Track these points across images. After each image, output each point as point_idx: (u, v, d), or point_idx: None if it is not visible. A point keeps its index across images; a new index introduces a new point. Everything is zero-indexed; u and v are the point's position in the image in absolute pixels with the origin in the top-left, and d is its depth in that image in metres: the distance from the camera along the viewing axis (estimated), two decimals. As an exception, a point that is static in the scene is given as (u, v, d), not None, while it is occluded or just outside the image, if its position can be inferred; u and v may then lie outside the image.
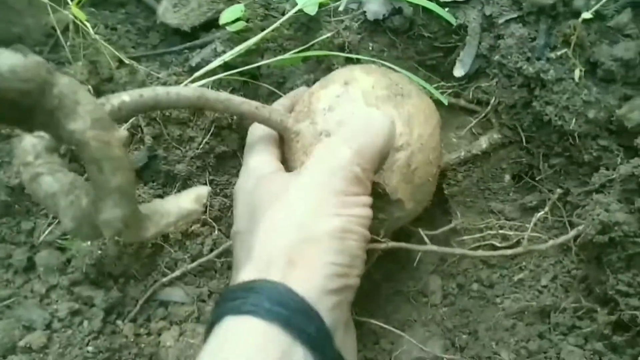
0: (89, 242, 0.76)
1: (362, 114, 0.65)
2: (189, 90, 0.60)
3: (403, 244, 0.73)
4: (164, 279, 0.84)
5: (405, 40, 0.88)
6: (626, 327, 0.72)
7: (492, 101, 0.84)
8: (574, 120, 0.75)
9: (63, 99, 0.39)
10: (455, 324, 0.85)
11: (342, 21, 0.86)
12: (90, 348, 0.74)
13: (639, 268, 0.71)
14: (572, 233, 0.73)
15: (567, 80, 0.75)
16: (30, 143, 0.48)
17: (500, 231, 0.84)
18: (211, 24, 0.90)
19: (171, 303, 0.85)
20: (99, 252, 0.77)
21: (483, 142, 0.85)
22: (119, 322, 0.80)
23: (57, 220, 0.80)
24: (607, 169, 0.76)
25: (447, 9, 0.83)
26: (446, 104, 0.82)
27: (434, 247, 0.75)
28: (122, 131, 0.45)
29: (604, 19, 0.77)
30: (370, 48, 0.88)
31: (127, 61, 0.83)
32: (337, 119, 0.67)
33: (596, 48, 0.75)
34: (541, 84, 0.77)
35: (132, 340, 0.80)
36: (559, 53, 0.74)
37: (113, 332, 0.79)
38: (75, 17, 0.81)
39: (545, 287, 0.83)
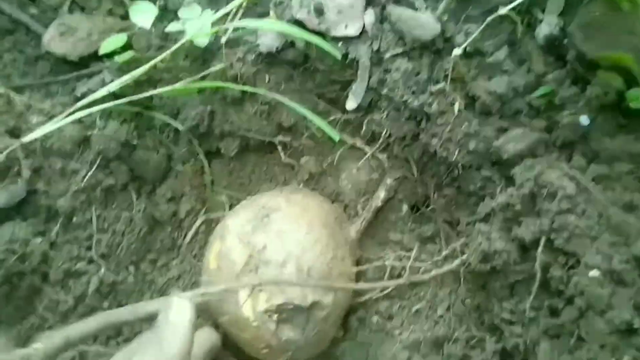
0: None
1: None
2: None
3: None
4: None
5: (302, 73, 0.89)
6: (511, 355, 0.73)
7: (383, 134, 0.85)
8: (457, 151, 0.77)
9: None
10: (355, 358, 0.84)
11: (236, 53, 0.85)
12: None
13: (521, 295, 0.72)
14: (456, 262, 0.75)
15: (449, 113, 0.77)
16: None
17: (399, 263, 0.85)
18: (100, 54, 0.87)
19: (49, 349, 0.78)
20: (-40, 296, 0.70)
21: (381, 193, 0.87)
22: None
23: None
24: (491, 198, 0.78)
25: (340, 43, 0.85)
26: (336, 139, 0.83)
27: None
28: None
29: (483, 55, 0.81)
30: (267, 80, 0.88)
31: (4, 92, 0.79)
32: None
33: (475, 83, 0.78)
34: (426, 116, 0.79)
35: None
36: (440, 87, 0.77)
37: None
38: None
39: (441, 317, 0.84)
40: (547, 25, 0.76)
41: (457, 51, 0.72)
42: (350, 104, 0.86)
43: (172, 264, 0.90)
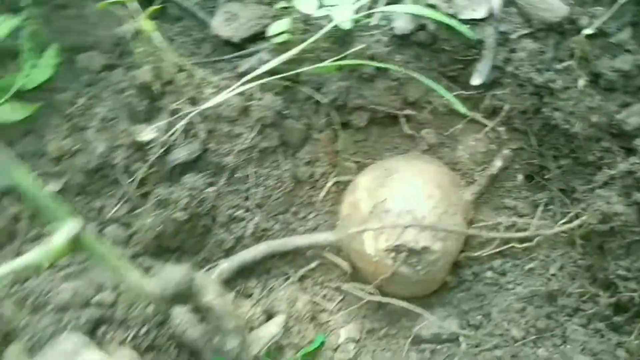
0: (151, 219, 0.88)
1: None
2: (262, 246, 0.95)
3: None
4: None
5: (429, 53, 1.00)
6: (625, 309, 0.81)
7: (505, 108, 0.94)
8: (578, 124, 0.85)
9: (198, 286, 0.73)
10: (470, 307, 0.94)
11: (373, 35, 0.97)
12: (149, 309, 0.85)
13: (637, 255, 0.80)
14: (577, 222, 0.83)
15: (573, 89, 0.85)
16: (180, 313, 0.80)
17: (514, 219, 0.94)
18: (257, 36, 1.02)
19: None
20: (159, 228, 0.89)
21: (498, 161, 0.95)
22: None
23: (122, 201, 0.93)
24: (609, 168, 0.85)
25: (467, 26, 0.95)
26: (464, 112, 0.92)
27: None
28: (229, 295, 0.82)
29: (607, 35, 0.87)
30: (398, 59, 0.99)
31: (185, 66, 0.96)
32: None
33: (599, 61, 0.85)
34: (549, 92, 0.87)
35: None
36: (565, 65, 0.84)
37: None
38: (143, 29, 0.94)
39: (553, 275, 0.92)
40: (674, 7, 0.81)
41: (587, 31, 0.80)
42: (476, 80, 0.95)
43: (309, 216, 1.05)
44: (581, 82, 0.84)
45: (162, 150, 0.94)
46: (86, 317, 0.78)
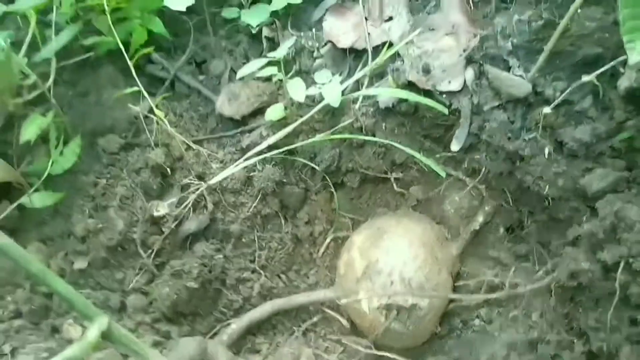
0: (167, 289, 0.99)
1: None
2: (267, 306, 1.06)
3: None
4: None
5: (412, 120, 1.10)
6: (597, 357, 0.89)
7: (483, 170, 1.03)
8: (547, 187, 0.94)
9: (211, 354, 0.89)
10: (460, 354, 1.03)
11: (359, 109, 1.08)
12: (169, 372, 0.95)
13: (605, 307, 0.87)
14: (547, 280, 0.91)
15: (540, 156, 0.94)
16: None
17: (496, 279, 1.03)
18: (257, 112, 1.13)
19: (228, 336, 1.06)
20: (175, 296, 0.99)
21: (480, 217, 1.05)
22: (188, 351, 1.01)
23: (142, 272, 1.04)
24: (578, 225, 0.94)
25: (444, 96, 1.04)
26: (444, 175, 1.02)
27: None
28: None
29: (571, 103, 0.96)
30: (384, 128, 1.09)
31: (193, 146, 1.08)
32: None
33: (563, 129, 0.93)
34: (520, 158, 0.96)
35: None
36: (531, 135, 0.94)
37: (185, 359, 1.01)
38: (156, 116, 1.06)
39: (535, 322, 1.00)
40: (627, 79, 0.90)
41: (546, 110, 0.89)
42: (455, 146, 1.05)
43: (310, 273, 1.15)
44: (547, 150, 0.93)
45: (175, 223, 1.05)
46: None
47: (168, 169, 1.06)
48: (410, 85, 1.03)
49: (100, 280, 1.02)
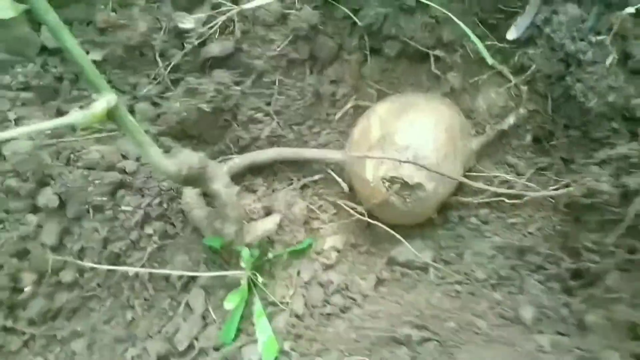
0: (178, 104, 0.96)
1: None
2: (273, 151, 1.04)
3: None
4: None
5: (474, -3, 0.99)
6: (581, 276, 0.89)
7: (532, 68, 0.95)
8: (595, 100, 0.87)
9: (210, 173, 0.83)
10: (447, 245, 1.04)
11: (422, -33, 0.97)
12: (165, 184, 0.96)
13: (607, 232, 0.86)
14: (562, 190, 0.88)
15: (600, 64, 0.86)
16: (190, 193, 0.94)
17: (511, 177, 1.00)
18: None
19: (227, 170, 1.06)
20: (184, 113, 0.97)
21: (511, 119, 0.99)
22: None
23: (156, 82, 1.00)
24: (611, 148, 0.89)
25: (518, -24, 0.93)
26: (490, 63, 0.94)
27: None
28: (236, 187, 0.89)
29: (653, 16, 0.86)
30: (441, -2, 0.99)
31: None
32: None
33: (635, 42, 0.84)
34: (577, 62, 0.88)
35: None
36: (600, 38, 0.85)
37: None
38: None
39: (530, 233, 1.00)
40: None
41: (629, 9, 0.79)
42: (511, 34, 0.96)
43: (323, 132, 1.12)
44: (610, 60, 0.85)
45: (199, 41, 0.99)
46: (109, 179, 0.89)
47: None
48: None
49: (113, 79, 0.99)
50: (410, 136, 0.95)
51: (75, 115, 0.61)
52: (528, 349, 0.80)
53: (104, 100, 0.63)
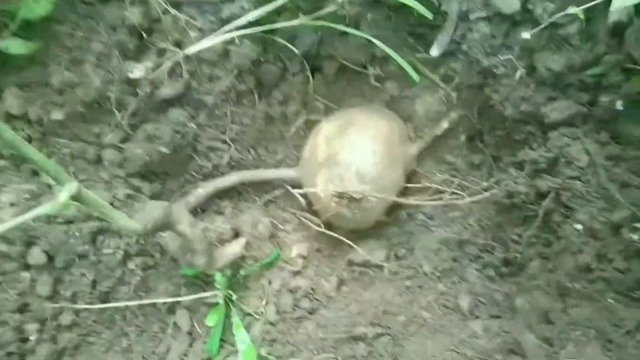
0: (140, 150, 1.06)
1: None
2: (234, 176, 1.14)
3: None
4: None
5: (399, 15, 1.06)
6: (510, 264, 1.02)
7: (456, 79, 1.04)
8: (510, 108, 0.97)
9: (174, 218, 0.92)
10: (399, 241, 1.16)
11: (346, -4, 1.03)
12: (139, 222, 1.07)
13: (528, 226, 0.98)
14: (486, 194, 0.99)
15: (511, 77, 0.95)
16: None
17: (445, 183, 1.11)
18: (242, -19, 1.08)
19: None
20: (147, 158, 1.06)
21: (444, 123, 1.08)
22: (158, 206, 1.13)
23: (117, 130, 1.09)
24: (530, 149, 0.99)
25: (435, -4, 1.00)
26: (417, 81, 1.03)
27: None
28: (201, 224, 0.99)
29: (557, 27, 0.94)
30: (369, 19, 1.06)
31: (171, 10, 1.05)
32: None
33: (539, 54, 0.93)
34: (492, 75, 0.97)
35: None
36: (509, 56, 0.93)
37: (154, 213, 1.12)
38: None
39: (470, 225, 1.12)
40: (617, 13, 0.87)
41: (525, 35, 0.87)
42: (434, 51, 1.04)
43: (278, 150, 1.22)
44: (518, 74, 0.94)
45: (151, 87, 1.08)
46: (88, 228, 1.01)
47: (144, 31, 1.04)
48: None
49: (78, 132, 1.08)
50: (351, 155, 1.05)
51: (45, 207, 0.72)
52: (463, 336, 0.94)
53: (67, 190, 0.73)
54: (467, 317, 1.00)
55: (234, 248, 1.07)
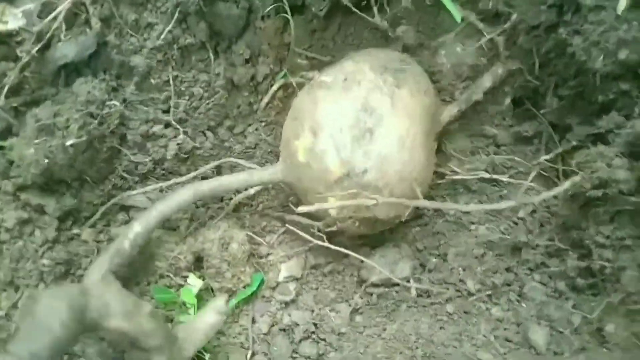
0: (32, 150, 0.65)
1: None
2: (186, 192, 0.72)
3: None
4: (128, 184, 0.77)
5: None
6: (593, 275, 0.74)
7: (513, 17, 0.71)
8: (601, 58, 0.65)
9: (98, 310, 0.57)
10: (426, 245, 0.85)
11: None
12: (45, 261, 0.69)
13: (621, 224, 0.70)
14: (567, 184, 0.69)
15: (608, 10, 0.63)
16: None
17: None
18: None
19: (132, 208, 0.80)
20: (45, 161, 0.67)
21: (486, 82, 0.76)
22: (75, 229, 0.75)
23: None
24: (619, 114, 0.69)
25: None
26: (459, 20, 0.69)
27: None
28: (147, 305, 0.62)
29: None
30: None
31: None
32: None
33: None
34: (575, 8, 0.65)
35: (93, 246, 0.76)
36: (609, -27, 0.61)
37: (70, 240, 0.74)
38: None
39: (521, 219, 0.83)
40: None
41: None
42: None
43: (248, 131, 0.86)
44: (622, 3, 0.62)
45: (40, 45, 0.67)
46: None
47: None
48: None
49: None
50: (386, 175, 0.70)
51: None
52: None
53: None
54: (543, 354, 0.72)
55: (210, 318, 0.69)
